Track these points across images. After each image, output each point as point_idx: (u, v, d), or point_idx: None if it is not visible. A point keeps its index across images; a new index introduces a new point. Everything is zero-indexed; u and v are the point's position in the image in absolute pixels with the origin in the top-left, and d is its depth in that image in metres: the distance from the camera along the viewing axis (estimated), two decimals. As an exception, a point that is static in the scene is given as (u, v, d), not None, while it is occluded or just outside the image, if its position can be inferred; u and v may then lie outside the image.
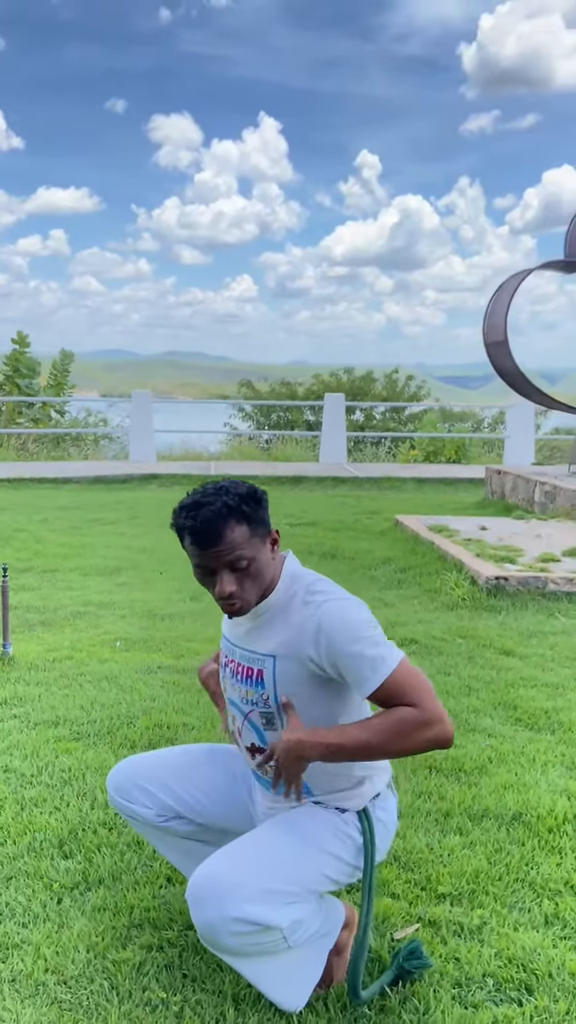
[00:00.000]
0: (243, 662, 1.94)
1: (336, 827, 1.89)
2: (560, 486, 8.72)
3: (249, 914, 1.68)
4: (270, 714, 1.91)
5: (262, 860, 1.77)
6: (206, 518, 1.78)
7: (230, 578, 1.81)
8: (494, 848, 2.58)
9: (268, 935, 1.73)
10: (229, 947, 1.73)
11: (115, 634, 4.87)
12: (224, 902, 1.68)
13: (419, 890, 2.36)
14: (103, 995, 1.94)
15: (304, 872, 1.80)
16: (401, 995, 1.94)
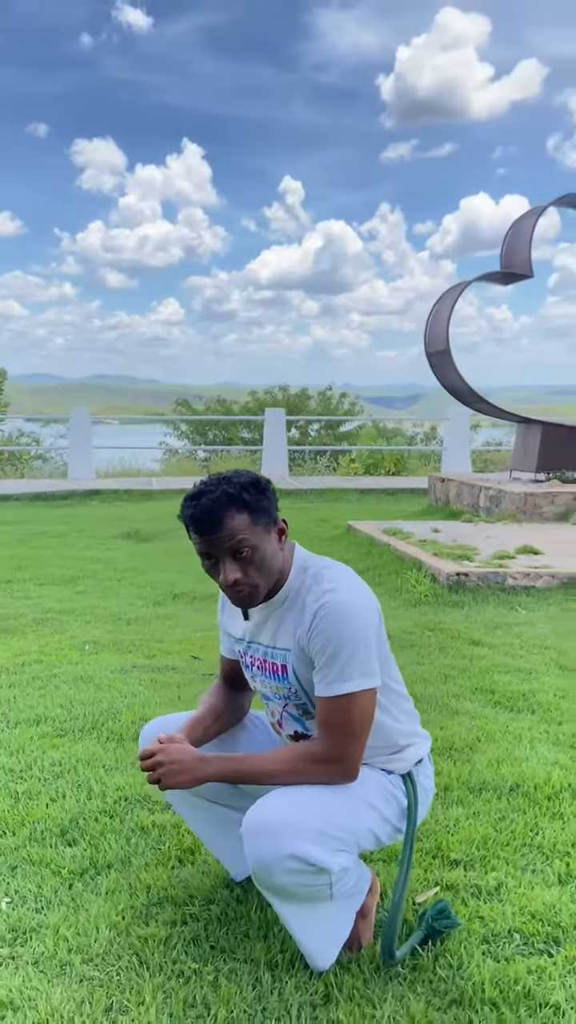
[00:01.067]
0: (267, 658, 1.94)
1: (383, 787, 1.91)
2: (505, 490, 8.92)
3: (303, 852, 1.69)
4: (304, 705, 1.91)
5: (316, 805, 1.76)
6: (206, 506, 1.78)
7: (233, 566, 1.81)
8: (498, 817, 2.61)
9: (318, 877, 1.73)
10: (280, 885, 1.73)
11: (82, 638, 4.79)
12: (280, 839, 1.68)
13: (431, 858, 2.38)
14: (133, 970, 1.89)
15: (355, 823, 1.81)
16: (433, 953, 1.95)
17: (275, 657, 1.91)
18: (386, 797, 1.90)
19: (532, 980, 1.86)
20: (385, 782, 1.92)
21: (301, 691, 1.88)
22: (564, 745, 3.21)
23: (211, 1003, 1.78)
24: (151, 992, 1.81)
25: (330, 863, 1.73)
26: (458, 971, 1.89)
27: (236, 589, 1.83)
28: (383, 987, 1.84)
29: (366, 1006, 1.78)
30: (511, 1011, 1.77)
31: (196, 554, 1.84)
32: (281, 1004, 1.78)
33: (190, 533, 1.83)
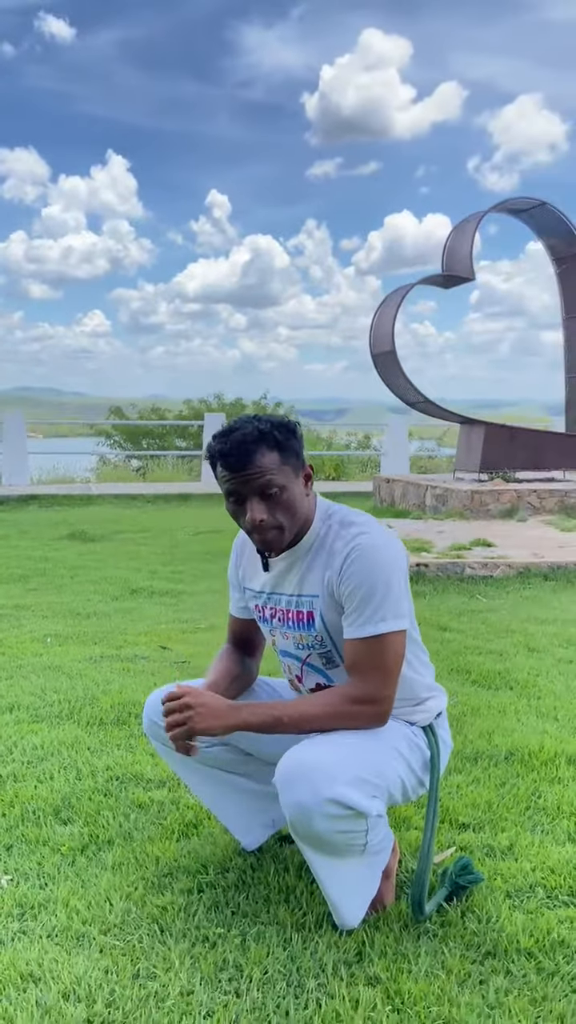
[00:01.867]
0: (291, 607, 1.89)
1: (408, 736, 1.89)
2: (451, 488, 9.03)
3: (342, 796, 1.65)
4: (328, 653, 1.87)
5: (351, 751, 1.72)
6: (237, 441, 1.74)
7: (260, 505, 1.77)
8: (498, 783, 2.60)
9: (356, 823, 1.69)
10: (318, 832, 1.68)
11: (42, 631, 4.64)
12: (317, 783, 1.64)
13: (439, 822, 2.35)
14: (155, 937, 1.81)
15: (387, 769, 1.78)
16: (460, 909, 1.92)
17: (301, 605, 1.86)
18: (411, 746, 1.87)
19: (564, 929, 1.84)
20: (409, 732, 1.89)
21: (327, 638, 1.84)
22: (548, 717, 3.23)
23: (242, 965, 1.72)
24: (179, 957, 1.74)
25: (368, 807, 1.69)
26: (488, 924, 1.86)
27: (261, 530, 1.78)
28: (415, 943, 1.80)
29: (402, 961, 1.73)
30: (548, 959, 1.75)
31: (226, 498, 1.79)
32: (315, 962, 1.72)
33: (218, 470, 1.78)
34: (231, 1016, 1.57)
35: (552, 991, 1.65)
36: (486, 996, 1.64)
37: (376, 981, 1.68)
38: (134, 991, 1.64)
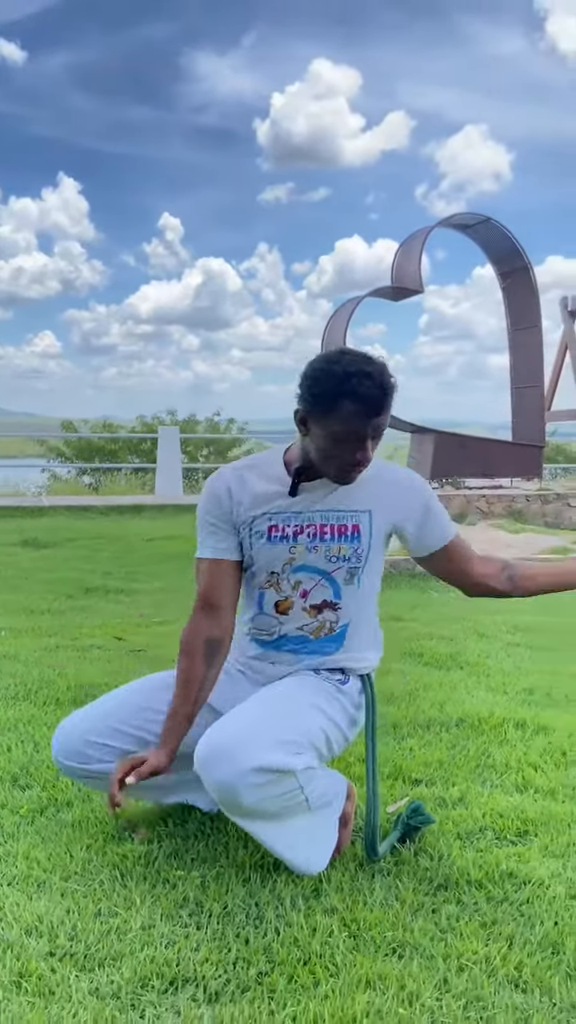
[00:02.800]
0: (333, 521, 1.93)
1: (327, 692, 1.93)
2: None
3: (263, 762, 1.67)
4: (357, 568, 1.94)
5: (265, 717, 1.77)
6: (382, 386, 1.76)
7: (372, 444, 1.83)
8: (450, 744, 2.68)
9: (285, 782, 1.73)
10: (250, 805, 1.70)
11: (-5, 626, 4.62)
12: (236, 758, 1.67)
13: (392, 780, 2.42)
14: (116, 881, 1.84)
15: (307, 724, 1.81)
16: (413, 849, 1.98)
17: (344, 519, 1.92)
18: (330, 700, 1.91)
19: (513, 863, 1.91)
20: (329, 687, 1.94)
21: (367, 551, 1.92)
22: (498, 691, 3.33)
23: (203, 901, 1.76)
24: (139, 896, 1.77)
25: (293, 763, 1.72)
26: (440, 862, 1.93)
27: (359, 468, 1.85)
28: (371, 880, 1.86)
29: (357, 894, 1.79)
30: (497, 888, 1.82)
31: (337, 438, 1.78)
32: (274, 897, 1.77)
33: (341, 409, 1.75)
34: (192, 945, 1.61)
35: (501, 915, 1.72)
36: (439, 923, 1.70)
37: (333, 911, 1.73)
38: (96, 926, 1.67)
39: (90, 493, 16.57)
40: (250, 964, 1.55)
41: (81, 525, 10.64)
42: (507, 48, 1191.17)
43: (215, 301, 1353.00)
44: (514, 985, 1.52)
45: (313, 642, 1.97)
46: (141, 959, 1.56)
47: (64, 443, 22.08)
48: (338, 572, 1.94)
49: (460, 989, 1.50)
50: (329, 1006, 1.44)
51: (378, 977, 1.52)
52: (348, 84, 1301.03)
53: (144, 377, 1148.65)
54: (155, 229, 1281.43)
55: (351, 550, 1.93)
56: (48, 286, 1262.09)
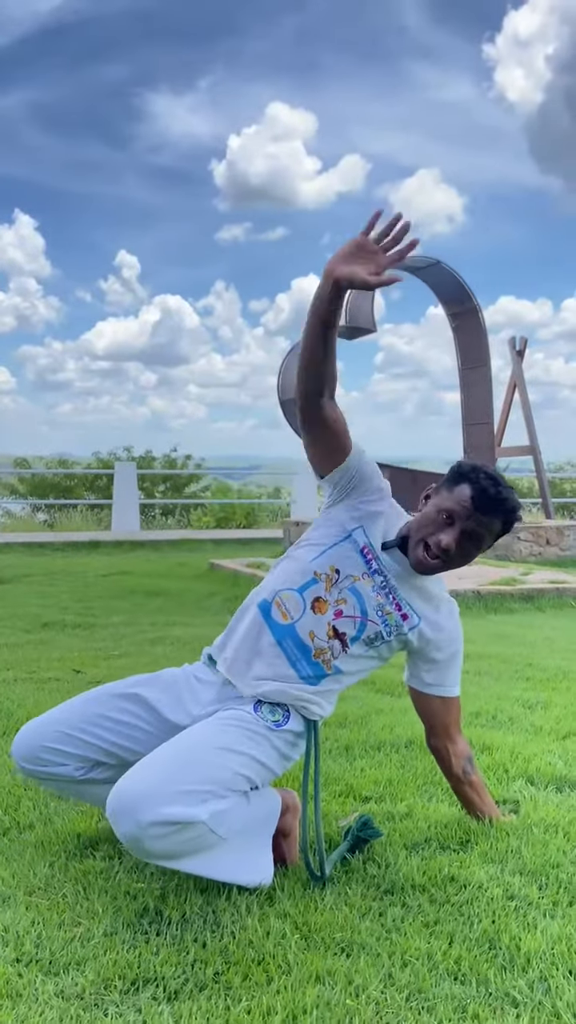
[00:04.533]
0: (401, 601, 2.06)
1: (249, 730, 1.93)
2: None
3: (162, 816, 1.69)
4: (380, 640, 2.06)
5: (171, 766, 1.77)
6: (504, 499, 1.99)
7: (460, 539, 1.99)
8: (399, 764, 2.80)
9: (191, 830, 1.74)
10: (161, 851, 1.74)
11: (-46, 660, 4.64)
12: (137, 812, 1.69)
13: (343, 797, 2.53)
14: (79, 895, 1.92)
15: (218, 771, 1.82)
16: (361, 859, 2.09)
17: (403, 607, 2.07)
18: (250, 738, 1.91)
19: (454, 868, 2.03)
20: (248, 724, 1.93)
21: (392, 639, 2.07)
22: (445, 715, 3.46)
23: (162, 910, 1.84)
24: (102, 907, 1.86)
25: (196, 814, 1.73)
26: (387, 869, 2.04)
27: (438, 555, 2.00)
28: (321, 887, 1.96)
29: (309, 900, 1.90)
30: (440, 891, 1.94)
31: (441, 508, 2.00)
32: (230, 904, 1.87)
33: (464, 493, 1.97)
34: (152, 949, 1.70)
35: (443, 916, 1.84)
36: (384, 924, 1.81)
37: (286, 916, 1.83)
38: (60, 934, 1.75)
39: (45, 530, 16.50)
40: (207, 964, 1.65)
41: (37, 561, 10.63)
42: (457, 95, 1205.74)
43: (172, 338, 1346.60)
44: (453, 977, 1.63)
45: (306, 663, 2.00)
46: (104, 962, 1.65)
47: (18, 480, 21.92)
48: (371, 625, 2.04)
49: (403, 982, 1.61)
50: (282, 999, 1.54)
51: (327, 973, 1.63)
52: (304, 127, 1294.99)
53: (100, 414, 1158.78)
54: (112, 266, 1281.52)
55: (393, 625, 2.05)
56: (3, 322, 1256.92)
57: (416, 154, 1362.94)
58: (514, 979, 1.62)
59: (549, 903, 1.89)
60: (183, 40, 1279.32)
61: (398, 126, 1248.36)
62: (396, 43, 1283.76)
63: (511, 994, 1.58)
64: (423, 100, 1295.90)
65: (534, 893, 1.93)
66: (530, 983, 1.60)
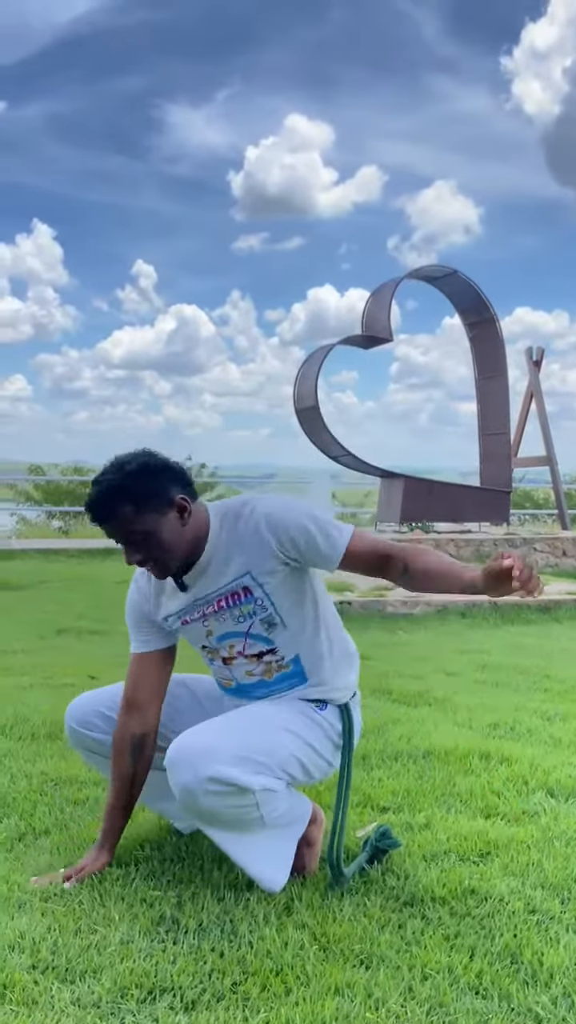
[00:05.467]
0: (222, 596, 1.98)
1: (311, 717, 2.01)
2: (373, 538, 9.32)
3: (220, 773, 1.77)
4: (269, 616, 1.99)
5: (235, 732, 1.87)
6: (95, 496, 1.89)
7: (132, 549, 1.92)
8: (417, 775, 2.77)
9: (242, 798, 1.82)
10: (208, 809, 1.81)
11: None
12: (197, 765, 1.78)
13: (362, 807, 2.50)
14: (95, 901, 1.91)
15: (276, 748, 1.90)
16: (380, 870, 2.07)
17: (231, 587, 1.97)
18: (309, 725, 1.99)
19: (475, 881, 2.01)
20: (313, 713, 2.02)
21: (267, 600, 1.96)
22: (463, 726, 3.43)
23: (179, 918, 1.83)
24: (118, 914, 1.84)
25: (250, 782, 1.81)
26: (406, 881, 2.02)
27: (143, 567, 1.96)
28: (340, 898, 1.94)
29: (327, 911, 1.87)
30: (460, 904, 1.91)
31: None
32: (248, 914, 1.85)
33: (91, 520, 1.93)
34: (169, 958, 1.68)
35: (464, 929, 1.81)
36: (404, 936, 1.79)
37: (304, 926, 1.81)
38: (76, 941, 1.73)
39: (60, 536, 16.54)
40: (225, 974, 1.63)
41: (52, 568, 10.65)
42: (474, 107, 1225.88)
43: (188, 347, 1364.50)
44: (475, 992, 1.61)
45: (271, 682, 2.04)
46: (120, 971, 1.63)
47: (33, 487, 22.01)
48: (253, 626, 2.01)
49: (424, 996, 1.58)
50: (300, 1011, 1.52)
51: (346, 985, 1.60)
52: (322, 138, 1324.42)
53: (116, 422, 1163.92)
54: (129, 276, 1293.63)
55: (252, 606, 1.98)
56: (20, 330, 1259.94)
57: (433, 165, 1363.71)
58: (537, 995, 1.59)
59: (571, 917, 1.86)
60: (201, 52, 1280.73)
61: (415, 137, 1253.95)
62: (414, 55, 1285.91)
63: (534, 1010, 1.55)
64: (440, 112, 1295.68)
65: (556, 907, 1.90)
66: (553, 999, 1.57)
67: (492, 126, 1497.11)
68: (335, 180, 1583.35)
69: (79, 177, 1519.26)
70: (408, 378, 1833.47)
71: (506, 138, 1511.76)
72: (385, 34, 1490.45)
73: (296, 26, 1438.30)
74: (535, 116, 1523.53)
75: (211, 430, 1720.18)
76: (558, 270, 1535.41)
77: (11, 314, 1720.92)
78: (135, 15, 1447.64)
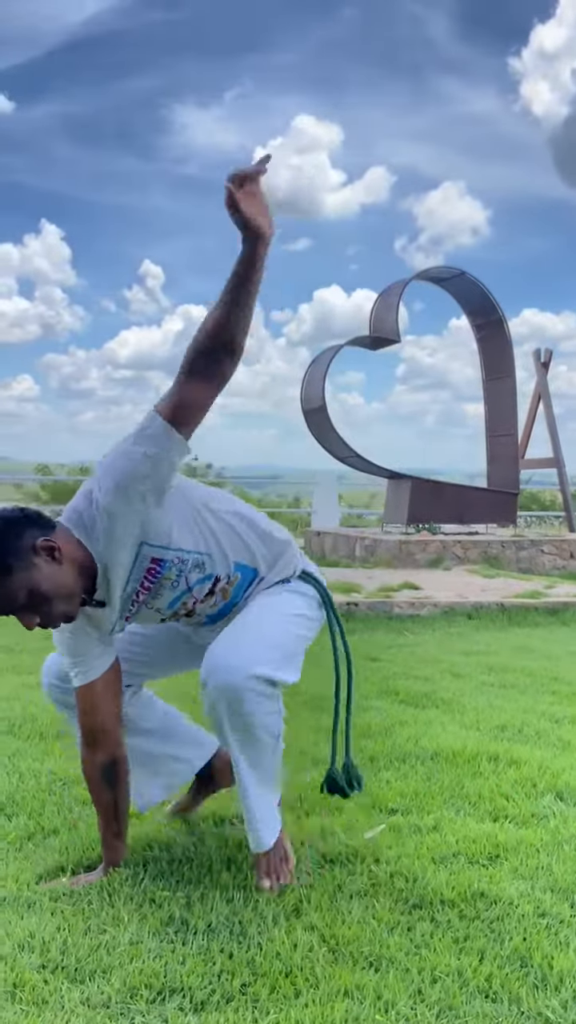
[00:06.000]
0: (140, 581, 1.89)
1: (290, 591, 2.07)
2: (380, 539, 9.32)
3: (265, 673, 1.84)
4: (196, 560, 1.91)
5: (262, 634, 1.93)
6: None
7: (24, 616, 1.78)
8: (425, 776, 2.77)
9: (274, 701, 1.89)
10: (249, 712, 1.84)
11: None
12: (241, 667, 1.82)
13: (370, 808, 2.50)
14: (104, 901, 1.91)
15: (291, 641, 1.99)
16: (388, 872, 2.07)
17: (140, 567, 1.86)
18: (294, 596, 2.06)
19: (484, 884, 2.00)
20: (288, 587, 2.08)
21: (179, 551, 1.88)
22: (471, 728, 3.42)
23: (188, 919, 1.83)
24: (127, 914, 1.84)
25: (287, 678, 1.90)
26: (415, 883, 2.01)
27: (50, 627, 1.83)
28: (348, 900, 1.94)
29: (336, 913, 1.87)
30: (469, 907, 1.91)
31: None
32: (256, 915, 1.85)
33: None
34: (178, 958, 1.68)
35: (473, 931, 1.81)
36: (413, 939, 1.79)
37: (312, 928, 1.81)
38: (86, 941, 1.74)
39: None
40: (234, 976, 1.63)
41: (60, 567, 10.66)
42: (482, 108, 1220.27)
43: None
44: (484, 995, 1.60)
45: (233, 598, 2.03)
46: (130, 971, 1.63)
47: (40, 487, 22.07)
48: (190, 578, 1.92)
49: (434, 999, 1.58)
50: (310, 1013, 1.52)
51: (356, 987, 1.60)
52: (330, 139, 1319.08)
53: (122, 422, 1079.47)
54: (136, 276, 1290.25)
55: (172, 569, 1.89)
56: (28, 330, 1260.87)
57: (441, 166, 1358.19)
58: (547, 998, 1.58)
59: (581, 921, 1.86)
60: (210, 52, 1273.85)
61: (423, 138, 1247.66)
62: (422, 56, 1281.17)
63: (544, 1013, 1.54)
64: (448, 113, 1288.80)
65: (566, 911, 1.90)
66: (563, 1003, 1.57)
67: (500, 127, 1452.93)
68: (343, 181, 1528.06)
69: (87, 177, 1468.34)
70: (415, 379, 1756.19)
71: (514, 139, 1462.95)
72: (395, 35, 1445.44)
73: (305, 27, 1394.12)
74: (543, 117, 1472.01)
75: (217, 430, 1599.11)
76: (565, 272, 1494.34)
77: (19, 314, 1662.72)
78: (144, 16, 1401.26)
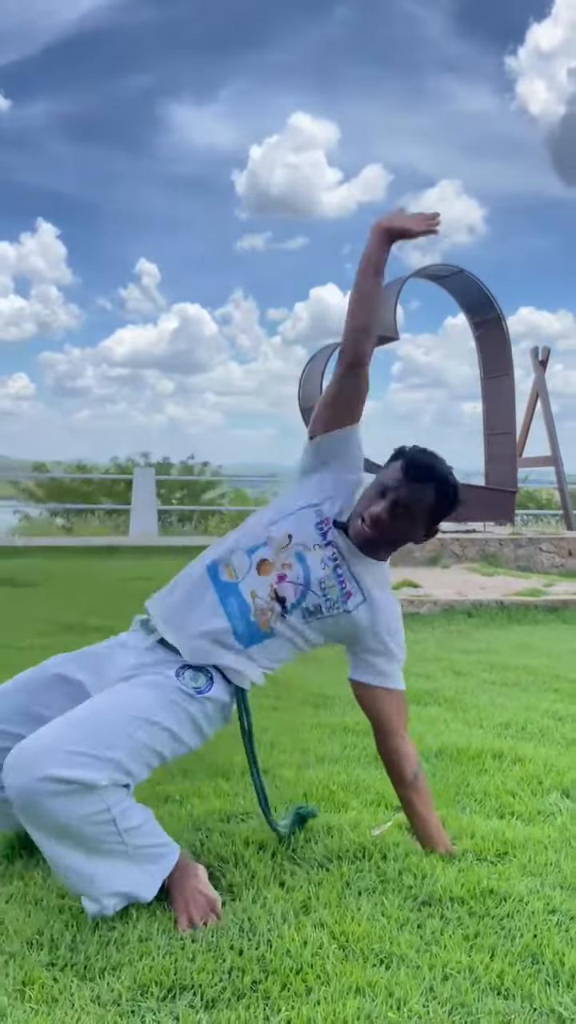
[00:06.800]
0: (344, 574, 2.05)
1: (171, 699, 1.87)
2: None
3: (58, 772, 1.62)
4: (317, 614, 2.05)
5: (75, 728, 1.71)
6: (433, 468, 2.00)
7: (388, 512, 1.98)
8: (429, 773, 2.76)
9: (89, 803, 1.66)
10: (52, 815, 1.64)
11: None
12: (34, 764, 1.63)
13: (375, 806, 2.49)
14: (111, 898, 1.90)
15: (121, 741, 1.73)
16: (397, 869, 2.06)
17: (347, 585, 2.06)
18: (165, 705, 1.85)
19: (493, 881, 1.99)
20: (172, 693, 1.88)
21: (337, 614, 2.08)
22: (474, 725, 3.42)
23: (197, 917, 1.82)
24: (135, 911, 1.83)
25: (93, 778, 1.65)
26: (424, 880, 2.00)
27: (372, 526, 1.98)
28: (357, 897, 1.93)
29: (345, 910, 1.86)
30: (479, 904, 1.90)
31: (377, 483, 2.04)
32: (265, 912, 1.84)
33: (395, 469, 2.02)
34: (188, 955, 1.67)
35: (483, 929, 1.80)
36: (423, 936, 1.78)
37: (322, 925, 1.80)
38: (95, 938, 1.73)
39: (63, 534, 16.54)
40: (245, 973, 1.62)
41: (56, 565, 10.64)
42: (479, 107, 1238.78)
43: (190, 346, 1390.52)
44: (496, 992, 1.60)
45: (243, 622, 1.98)
46: (140, 968, 1.62)
47: (36, 485, 22.02)
48: (312, 596, 2.02)
49: (445, 996, 1.57)
50: (322, 1011, 1.51)
51: (367, 985, 1.59)
52: (326, 137, 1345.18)
53: (118, 420, 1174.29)
54: (132, 274, 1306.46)
55: (334, 600, 2.04)
56: (24, 328, 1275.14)
57: (438, 165, 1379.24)
58: (559, 995, 1.58)
59: (591, 918, 1.85)
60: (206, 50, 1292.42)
61: (420, 137, 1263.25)
62: (419, 55, 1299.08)
63: (556, 1010, 1.54)
64: (445, 112, 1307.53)
65: (575, 908, 1.89)
66: (575, 999, 1.56)
67: (497, 126, 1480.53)
68: (339, 179, 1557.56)
69: (83, 176, 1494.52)
70: (411, 378, 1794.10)
71: (511, 138, 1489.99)
72: (391, 33, 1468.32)
73: (301, 25, 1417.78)
74: (540, 116, 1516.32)
75: (213, 428, 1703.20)
76: (562, 270, 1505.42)
77: (15, 312, 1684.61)
78: (140, 13, 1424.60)
